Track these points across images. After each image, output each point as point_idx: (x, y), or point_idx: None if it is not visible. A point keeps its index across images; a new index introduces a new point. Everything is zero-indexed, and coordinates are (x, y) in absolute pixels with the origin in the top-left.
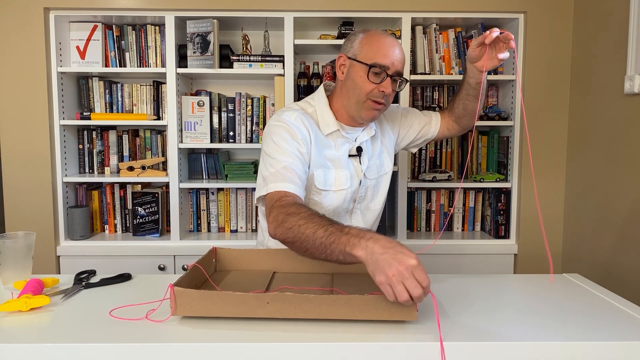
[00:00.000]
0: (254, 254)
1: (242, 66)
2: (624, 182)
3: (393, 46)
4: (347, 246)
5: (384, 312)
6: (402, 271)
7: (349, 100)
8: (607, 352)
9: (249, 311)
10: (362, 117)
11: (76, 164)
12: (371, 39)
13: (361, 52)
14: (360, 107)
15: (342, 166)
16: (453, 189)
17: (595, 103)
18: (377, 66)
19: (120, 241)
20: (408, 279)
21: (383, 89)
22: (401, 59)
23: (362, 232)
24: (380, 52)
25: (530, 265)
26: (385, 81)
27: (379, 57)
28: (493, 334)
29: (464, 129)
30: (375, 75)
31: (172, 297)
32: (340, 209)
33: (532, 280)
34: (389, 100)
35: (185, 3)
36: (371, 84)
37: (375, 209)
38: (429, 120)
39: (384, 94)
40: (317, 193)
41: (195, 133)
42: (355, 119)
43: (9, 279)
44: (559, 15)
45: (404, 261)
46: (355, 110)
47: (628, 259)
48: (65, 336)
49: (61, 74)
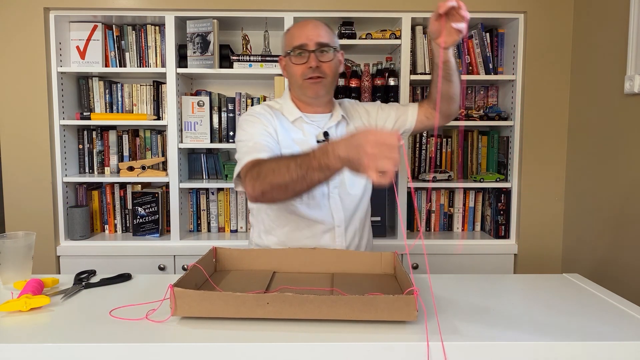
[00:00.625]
0: (254, 254)
1: (242, 66)
2: (624, 182)
3: (305, 25)
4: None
5: (383, 313)
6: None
7: (295, 90)
8: (607, 352)
9: (249, 312)
10: (308, 95)
11: (76, 164)
12: (288, 31)
13: (284, 46)
14: (302, 90)
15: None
16: (453, 189)
17: (595, 103)
18: (294, 49)
19: (120, 241)
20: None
21: (310, 65)
22: (317, 32)
23: (323, 146)
24: (294, 36)
25: (530, 265)
26: (310, 57)
27: (294, 41)
28: (493, 334)
29: (446, 117)
30: (299, 57)
31: (172, 298)
32: (316, 194)
33: (532, 280)
34: (325, 72)
35: (185, 3)
36: (299, 66)
37: (355, 194)
38: (405, 111)
39: (312, 68)
40: None
41: (195, 133)
42: (308, 103)
43: (9, 279)
44: (559, 15)
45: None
46: (302, 94)
47: (628, 259)
48: (65, 336)
49: (61, 74)
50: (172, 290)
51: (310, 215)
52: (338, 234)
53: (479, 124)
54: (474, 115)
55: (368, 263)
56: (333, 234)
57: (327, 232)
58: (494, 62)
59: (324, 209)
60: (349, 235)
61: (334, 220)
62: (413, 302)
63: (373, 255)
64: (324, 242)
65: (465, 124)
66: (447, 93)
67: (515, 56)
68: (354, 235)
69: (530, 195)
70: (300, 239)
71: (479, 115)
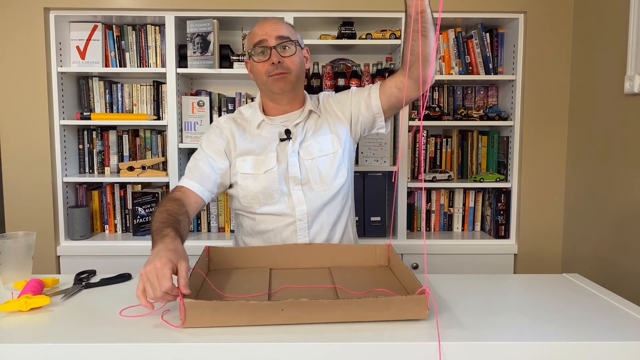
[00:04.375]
0: (248, 252)
1: (242, 66)
2: (624, 182)
3: (264, 22)
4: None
5: (397, 313)
6: (148, 270)
7: (261, 89)
8: (607, 352)
9: (263, 319)
10: (274, 92)
11: (76, 164)
12: (249, 32)
13: (247, 47)
14: (267, 87)
15: (268, 150)
16: (453, 189)
17: (595, 103)
18: (255, 46)
19: (120, 241)
20: (151, 278)
21: (272, 61)
22: (275, 27)
23: (160, 239)
24: (254, 35)
25: (530, 265)
26: (272, 52)
27: (254, 39)
28: (493, 334)
29: (423, 83)
30: (260, 55)
31: (182, 309)
32: (270, 190)
33: (532, 280)
34: (289, 67)
35: (185, 3)
36: (262, 64)
37: (323, 191)
38: (368, 89)
39: (274, 65)
40: (244, 178)
41: (195, 133)
42: (277, 101)
43: (9, 279)
44: (559, 15)
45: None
46: (268, 92)
47: (628, 259)
48: (65, 336)
49: (61, 74)
50: (182, 302)
51: (272, 210)
52: (300, 227)
53: (479, 124)
54: (474, 115)
55: (362, 256)
56: (294, 227)
57: (289, 225)
58: (494, 62)
59: (284, 204)
60: (314, 230)
61: (296, 214)
62: (424, 302)
63: (367, 248)
64: (285, 235)
65: (465, 124)
66: (424, 52)
67: (515, 56)
68: (320, 230)
69: (530, 195)
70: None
71: (479, 115)
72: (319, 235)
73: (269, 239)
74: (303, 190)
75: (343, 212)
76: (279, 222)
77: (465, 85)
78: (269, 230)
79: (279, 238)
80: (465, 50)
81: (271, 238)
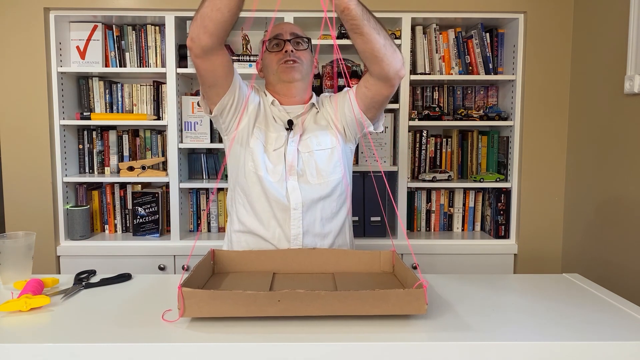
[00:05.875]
0: (252, 256)
1: (242, 66)
2: (624, 182)
3: (281, 23)
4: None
5: (395, 307)
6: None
7: (270, 79)
8: (607, 352)
9: (259, 310)
10: (284, 79)
11: (76, 164)
12: (267, 32)
13: (262, 48)
14: (277, 75)
15: (277, 130)
16: (453, 189)
17: (595, 103)
18: (272, 38)
19: (120, 241)
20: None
21: (285, 49)
22: (291, 27)
23: None
24: (271, 32)
25: (530, 265)
26: (286, 44)
27: (272, 34)
28: (493, 334)
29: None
30: (275, 45)
31: (181, 298)
32: (278, 170)
33: (532, 280)
34: (300, 58)
35: (185, 3)
36: (275, 54)
37: (319, 185)
38: (350, 91)
39: (287, 52)
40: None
41: (195, 133)
42: (282, 91)
43: (9, 279)
44: (559, 15)
45: None
46: (277, 80)
47: (628, 259)
48: (65, 336)
49: (61, 74)
50: (180, 291)
51: (269, 194)
52: (294, 216)
53: (479, 124)
54: (474, 115)
55: (367, 262)
56: (289, 214)
57: (284, 210)
58: (494, 62)
59: (281, 191)
60: (307, 221)
61: (290, 203)
62: (423, 296)
63: (372, 254)
64: (279, 217)
65: (465, 124)
66: (366, 50)
67: (515, 56)
68: (313, 222)
69: (530, 195)
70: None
71: (479, 115)
72: (313, 228)
73: (262, 221)
74: (299, 182)
75: (340, 211)
76: (274, 205)
77: (465, 85)
78: (265, 211)
79: (274, 221)
80: (465, 50)
81: (264, 221)
